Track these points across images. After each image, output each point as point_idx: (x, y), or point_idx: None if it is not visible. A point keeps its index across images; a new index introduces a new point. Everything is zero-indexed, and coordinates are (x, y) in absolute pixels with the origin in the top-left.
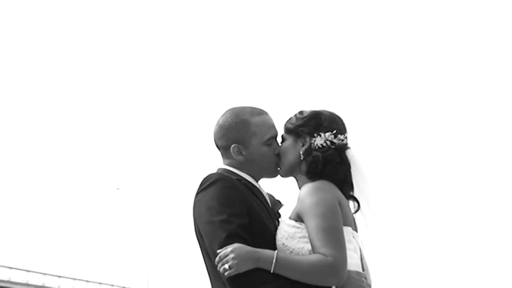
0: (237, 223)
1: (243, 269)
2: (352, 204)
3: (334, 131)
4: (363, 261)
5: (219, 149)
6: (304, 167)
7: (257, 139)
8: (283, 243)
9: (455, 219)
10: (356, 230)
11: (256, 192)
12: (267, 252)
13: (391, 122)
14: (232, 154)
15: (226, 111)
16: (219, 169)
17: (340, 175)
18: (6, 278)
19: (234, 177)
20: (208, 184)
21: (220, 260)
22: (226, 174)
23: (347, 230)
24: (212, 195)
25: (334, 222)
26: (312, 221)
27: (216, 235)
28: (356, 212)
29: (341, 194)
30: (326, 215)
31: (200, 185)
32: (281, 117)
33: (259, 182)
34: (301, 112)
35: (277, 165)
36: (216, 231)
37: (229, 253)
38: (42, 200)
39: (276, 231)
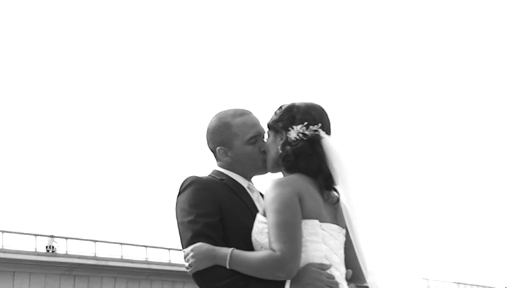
0: (203, 223)
1: (202, 266)
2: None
3: (306, 123)
4: (349, 253)
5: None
6: (280, 161)
7: (239, 139)
8: (255, 239)
9: (438, 207)
10: (336, 222)
11: (239, 191)
12: (224, 249)
13: (376, 114)
14: (219, 156)
15: (213, 116)
16: (213, 170)
17: (314, 167)
18: None
19: (218, 178)
20: (184, 187)
21: (184, 258)
22: (209, 175)
23: (311, 223)
24: (185, 198)
25: (287, 217)
26: (268, 217)
27: (184, 235)
28: (336, 202)
29: (309, 187)
30: (279, 210)
31: (179, 188)
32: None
33: (252, 180)
34: (280, 107)
35: (264, 161)
36: (185, 232)
37: (190, 252)
38: None
39: None
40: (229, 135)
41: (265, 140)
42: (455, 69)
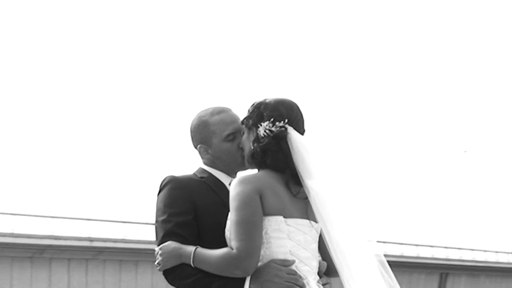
0: (174, 222)
1: (169, 265)
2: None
3: (272, 119)
4: (324, 246)
5: None
6: (250, 158)
7: (217, 137)
8: (227, 236)
9: (407, 201)
10: (307, 217)
11: (217, 189)
12: (189, 248)
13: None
14: (201, 154)
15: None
16: (197, 168)
17: (280, 163)
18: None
19: (199, 176)
20: (161, 187)
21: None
22: (193, 173)
23: (275, 219)
24: (161, 198)
25: (245, 215)
26: (230, 215)
27: (157, 234)
28: (307, 197)
29: (273, 183)
30: (238, 208)
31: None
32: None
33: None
34: (252, 104)
35: (243, 158)
36: (158, 231)
37: (158, 251)
38: None
39: None
40: (207, 133)
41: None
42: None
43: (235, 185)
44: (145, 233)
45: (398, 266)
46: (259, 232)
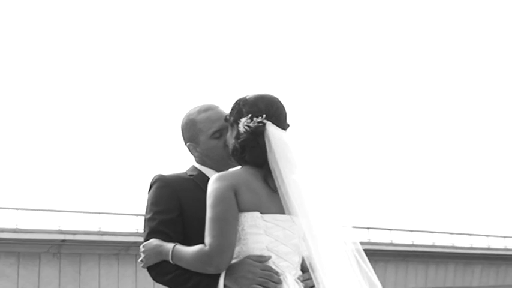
0: (159, 219)
1: (150, 262)
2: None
3: (250, 115)
4: (300, 243)
5: None
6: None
7: (204, 135)
8: None
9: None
10: (289, 212)
11: (205, 187)
12: (168, 245)
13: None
14: (191, 152)
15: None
16: (190, 166)
17: (258, 159)
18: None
19: (188, 174)
20: (150, 186)
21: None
22: (185, 171)
23: (251, 215)
24: (149, 196)
25: (219, 212)
26: (206, 212)
27: (144, 232)
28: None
29: (250, 179)
30: (212, 205)
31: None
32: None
33: None
34: (235, 101)
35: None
36: (144, 228)
37: (141, 248)
38: None
39: None
40: (195, 131)
41: None
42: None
43: (211, 182)
44: None
45: (485, 259)
46: (233, 229)
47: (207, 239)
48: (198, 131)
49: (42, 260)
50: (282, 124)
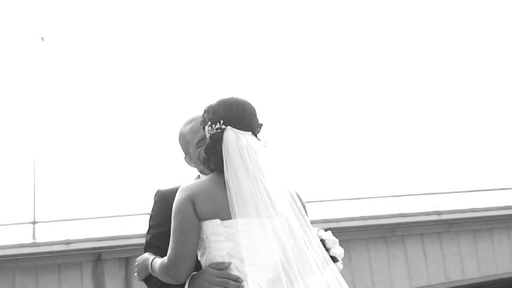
0: (152, 234)
1: (142, 275)
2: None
3: (210, 122)
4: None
5: None
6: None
7: (191, 146)
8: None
9: None
10: (256, 215)
11: None
12: (150, 259)
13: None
14: (188, 164)
15: None
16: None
17: (220, 165)
18: None
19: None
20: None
21: None
22: (186, 184)
23: (211, 223)
24: (151, 210)
25: (176, 224)
26: None
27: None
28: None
29: (211, 188)
30: (172, 217)
31: None
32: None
33: None
34: None
35: None
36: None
37: (135, 262)
38: None
39: None
40: (185, 144)
41: None
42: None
43: (176, 194)
44: (498, 200)
45: None
46: (190, 240)
47: (168, 251)
48: (186, 143)
49: None
50: (246, 127)
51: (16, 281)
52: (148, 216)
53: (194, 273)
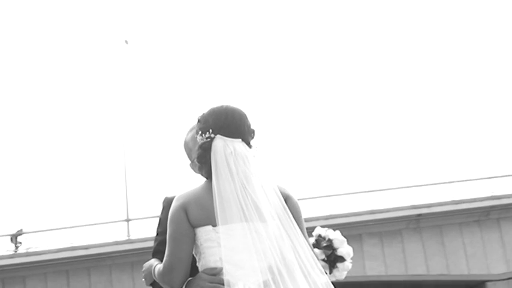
0: (158, 240)
1: (149, 281)
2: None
3: (200, 132)
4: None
5: None
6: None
7: (194, 153)
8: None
9: None
10: (245, 220)
11: None
12: (153, 265)
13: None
14: (194, 171)
15: None
16: None
17: (211, 173)
18: None
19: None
20: None
21: None
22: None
23: (204, 230)
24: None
25: (170, 232)
26: None
27: None
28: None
29: (203, 195)
30: (168, 225)
31: None
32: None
33: None
34: None
35: None
36: None
37: (143, 268)
38: None
39: None
40: (189, 151)
41: None
42: None
43: (172, 202)
44: None
45: None
46: (183, 247)
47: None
48: (189, 151)
49: (404, 236)
50: (235, 134)
51: (113, 277)
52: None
53: (190, 278)
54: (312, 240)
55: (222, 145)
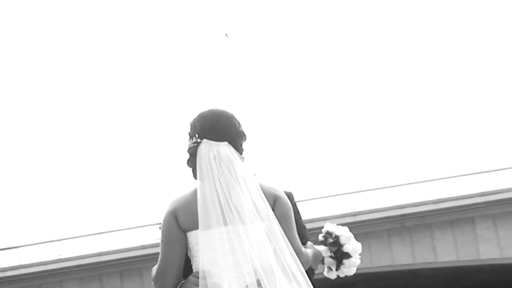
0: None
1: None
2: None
3: (189, 137)
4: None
5: None
6: None
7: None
8: None
9: None
10: (228, 223)
11: None
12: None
13: None
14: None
15: None
16: None
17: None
18: None
19: None
20: None
21: None
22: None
23: (193, 234)
24: None
25: (161, 237)
26: None
27: None
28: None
29: (189, 200)
30: (161, 230)
31: None
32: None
33: None
34: None
35: None
36: None
37: (152, 271)
38: None
39: None
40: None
41: None
42: None
43: None
44: None
45: None
46: (174, 251)
47: None
48: None
49: None
50: (221, 137)
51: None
52: None
53: (182, 281)
54: (320, 237)
55: (206, 149)
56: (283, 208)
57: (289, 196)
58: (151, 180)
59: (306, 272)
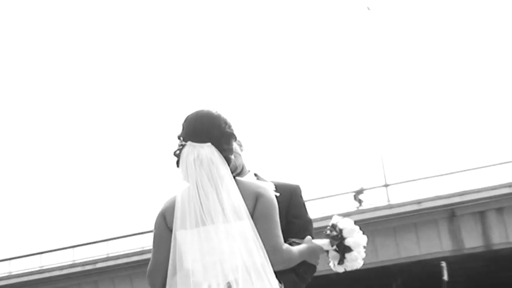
0: None
1: None
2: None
3: (177, 140)
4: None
5: None
6: None
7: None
8: None
9: None
10: (212, 223)
11: None
12: None
13: None
14: None
15: None
16: None
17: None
18: None
19: None
20: None
21: None
22: None
23: (180, 234)
24: None
25: (153, 236)
26: None
27: None
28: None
29: (177, 200)
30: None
31: None
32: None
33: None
34: None
35: None
36: None
37: None
38: None
39: None
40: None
41: None
42: None
43: None
44: None
45: None
46: (162, 251)
47: None
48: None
49: None
50: (204, 139)
51: (377, 243)
52: None
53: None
54: (327, 230)
55: (187, 151)
56: (265, 206)
57: (297, 189)
58: (163, 185)
59: (305, 267)
